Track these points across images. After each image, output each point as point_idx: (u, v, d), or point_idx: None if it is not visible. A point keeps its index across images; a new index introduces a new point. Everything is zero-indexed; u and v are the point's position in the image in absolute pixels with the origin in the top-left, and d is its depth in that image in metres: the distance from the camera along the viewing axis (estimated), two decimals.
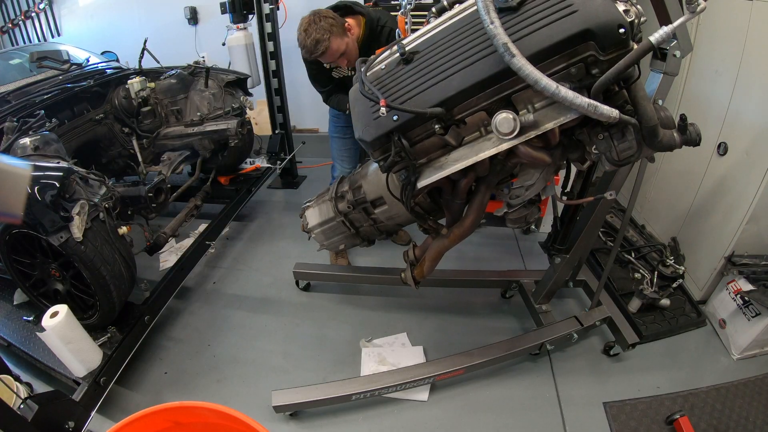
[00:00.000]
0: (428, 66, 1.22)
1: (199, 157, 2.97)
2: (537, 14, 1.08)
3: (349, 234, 1.83)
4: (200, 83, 3.02)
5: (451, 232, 1.60)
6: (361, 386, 1.86)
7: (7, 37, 4.65)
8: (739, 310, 2.10)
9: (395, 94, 1.24)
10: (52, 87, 2.66)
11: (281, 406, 1.83)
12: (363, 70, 1.37)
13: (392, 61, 1.32)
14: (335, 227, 1.84)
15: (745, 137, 2.06)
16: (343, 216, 1.78)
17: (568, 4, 1.06)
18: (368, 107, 1.26)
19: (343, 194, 1.78)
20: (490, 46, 1.10)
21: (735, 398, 1.92)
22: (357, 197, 1.72)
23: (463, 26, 1.21)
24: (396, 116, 1.21)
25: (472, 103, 1.18)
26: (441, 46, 1.22)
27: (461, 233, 1.59)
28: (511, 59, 1.02)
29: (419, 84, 1.21)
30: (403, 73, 1.26)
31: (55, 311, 1.70)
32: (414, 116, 1.19)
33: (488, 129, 1.20)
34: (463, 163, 1.23)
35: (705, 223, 2.34)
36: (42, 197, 1.66)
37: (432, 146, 1.27)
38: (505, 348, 1.98)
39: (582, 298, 2.45)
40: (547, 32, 1.06)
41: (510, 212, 1.55)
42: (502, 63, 1.07)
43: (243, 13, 3.42)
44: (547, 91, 1.03)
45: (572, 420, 1.86)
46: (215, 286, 2.72)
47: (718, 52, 2.23)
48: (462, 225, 1.58)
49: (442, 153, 1.28)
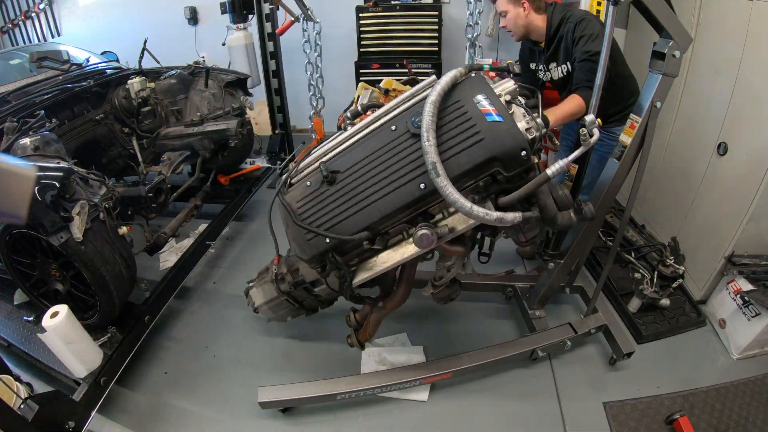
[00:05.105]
0: (352, 190, 1.37)
1: (199, 157, 2.97)
2: (450, 140, 1.24)
3: (295, 308, 2.01)
4: (200, 83, 3.02)
5: (386, 305, 1.78)
6: (348, 386, 1.86)
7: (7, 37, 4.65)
8: (739, 310, 2.10)
9: (324, 216, 1.41)
10: (52, 87, 2.66)
11: (267, 402, 1.83)
12: (282, 189, 1.53)
13: (316, 180, 1.44)
14: (280, 304, 1.99)
15: (745, 137, 2.06)
16: (287, 295, 1.93)
17: (476, 132, 1.22)
18: (301, 232, 1.44)
19: (282, 276, 1.90)
20: (408, 173, 1.29)
21: (735, 398, 1.92)
22: (296, 279, 1.84)
23: (382, 147, 1.35)
24: (327, 239, 1.39)
25: (395, 221, 1.37)
26: (362, 168, 1.36)
27: (394, 305, 1.78)
28: (436, 178, 1.18)
29: (346, 209, 1.38)
30: (329, 195, 1.41)
31: (56, 311, 1.70)
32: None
33: (410, 233, 1.39)
34: (391, 264, 1.44)
35: (705, 223, 2.34)
36: (42, 197, 1.66)
37: (362, 252, 1.46)
38: (495, 354, 1.97)
39: (580, 303, 2.42)
40: (458, 160, 1.23)
41: (435, 292, 1.73)
42: (419, 190, 1.28)
43: (243, 13, 3.43)
44: (462, 211, 1.20)
45: (572, 420, 1.86)
46: (215, 286, 2.72)
47: (718, 52, 2.22)
48: (394, 298, 1.76)
49: (371, 255, 1.48)
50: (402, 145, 1.32)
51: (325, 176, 1.38)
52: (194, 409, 1.96)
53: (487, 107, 1.24)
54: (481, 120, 1.23)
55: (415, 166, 1.28)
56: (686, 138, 2.51)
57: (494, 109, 1.24)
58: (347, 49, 3.77)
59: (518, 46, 2.35)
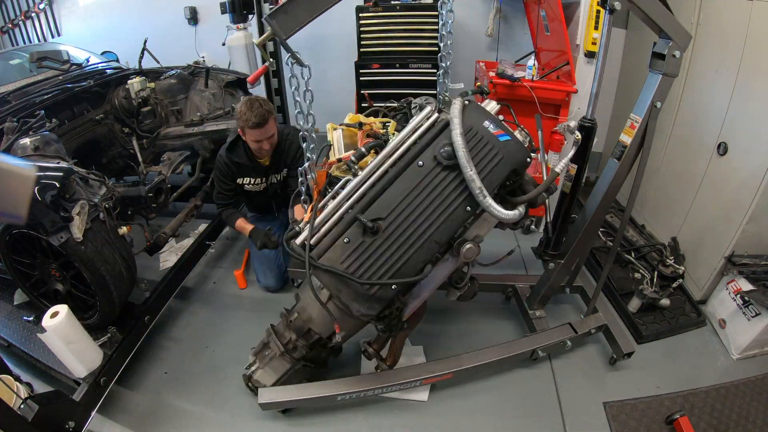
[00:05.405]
0: (402, 233, 1.43)
1: (199, 157, 2.97)
2: (479, 163, 1.42)
3: (309, 370, 1.90)
4: (200, 83, 3.02)
5: (410, 324, 1.82)
6: (348, 387, 1.86)
7: (7, 37, 4.65)
8: (739, 310, 2.10)
9: (381, 267, 1.42)
10: (52, 87, 2.66)
11: (267, 403, 1.83)
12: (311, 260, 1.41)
13: (354, 234, 1.43)
14: (296, 373, 1.87)
15: (745, 137, 2.06)
16: (303, 360, 1.85)
17: (496, 153, 1.45)
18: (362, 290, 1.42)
19: (293, 344, 1.82)
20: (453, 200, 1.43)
21: (735, 398, 1.92)
22: (311, 340, 1.81)
23: (417, 184, 1.45)
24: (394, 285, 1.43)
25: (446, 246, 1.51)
26: (405, 210, 1.43)
27: (417, 321, 1.87)
28: (483, 199, 1.39)
29: (403, 252, 1.43)
30: (378, 245, 1.42)
31: (56, 311, 1.70)
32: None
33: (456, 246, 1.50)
34: (435, 286, 1.60)
35: (705, 223, 2.34)
36: (42, 197, 1.66)
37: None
38: (495, 354, 1.97)
39: (580, 303, 2.42)
40: (490, 177, 1.44)
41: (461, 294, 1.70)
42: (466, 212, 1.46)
43: (243, 13, 3.43)
44: (504, 219, 1.45)
45: (572, 419, 1.86)
46: (215, 286, 2.72)
47: (718, 52, 2.22)
48: (418, 314, 1.81)
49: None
50: (438, 178, 1.45)
51: (370, 228, 1.38)
52: (194, 409, 1.96)
53: (497, 129, 1.47)
54: (496, 142, 1.45)
55: (456, 194, 1.44)
56: (686, 138, 2.51)
57: (501, 130, 1.47)
58: (347, 49, 3.76)
59: (517, 46, 2.35)
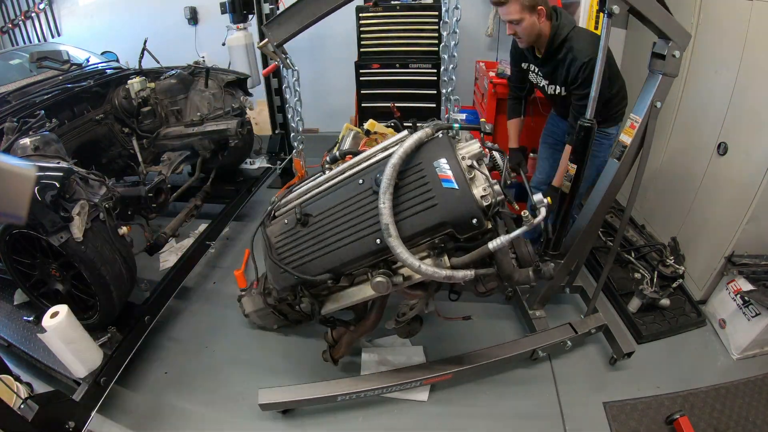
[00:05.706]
0: (320, 234, 1.50)
1: (199, 157, 2.97)
2: (407, 201, 1.33)
3: (280, 319, 2.14)
4: (200, 83, 3.02)
5: (357, 329, 1.87)
6: (348, 387, 1.85)
7: (7, 37, 4.65)
8: (739, 310, 2.09)
9: (296, 254, 1.57)
10: (52, 87, 2.66)
11: (268, 404, 1.83)
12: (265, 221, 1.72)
13: (292, 219, 1.57)
14: (267, 314, 2.14)
15: (745, 137, 2.06)
16: (272, 308, 2.06)
17: (430, 197, 1.30)
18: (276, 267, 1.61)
19: (269, 290, 2.01)
20: (367, 227, 1.40)
21: (735, 398, 1.92)
22: (281, 295, 1.86)
23: (349, 198, 1.45)
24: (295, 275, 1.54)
25: (358, 266, 1.49)
26: (331, 216, 1.48)
27: (365, 330, 1.87)
28: (388, 238, 1.28)
29: (314, 251, 1.52)
30: (301, 235, 1.55)
31: (56, 311, 1.70)
32: None
33: (373, 275, 1.46)
34: (356, 301, 1.60)
35: (705, 223, 2.34)
36: (42, 197, 1.66)
37: (330, 287, 1.59)
38: (495, 354, 1.97)
39: (580, 303, 2.42)
40: (413, 221, 1.32)
41: (396, 327, 1.82)
42: (375, 244, 1.38)
43: (243, 13, 3.43)
44: (412, 269, 1.30)
45: (572, 420, 1.86)
46: (215, 286, 2.72)
47: (718, 52, 2.22)
48: (365, 324, 1.85)
49: (339, 289, 1.62)
50: (365, 200, 1.42)
51: (298, 218, 1.53)
52: (194, 409, 1.96)
53: (446, 173, 1.29)
54: (437, 185, 1.29)
55: (374, 221, 1.37)
56: (686, 138, 2.51)
57: (451, 175, 1.28)
58: (347, 49, 3.76)
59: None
